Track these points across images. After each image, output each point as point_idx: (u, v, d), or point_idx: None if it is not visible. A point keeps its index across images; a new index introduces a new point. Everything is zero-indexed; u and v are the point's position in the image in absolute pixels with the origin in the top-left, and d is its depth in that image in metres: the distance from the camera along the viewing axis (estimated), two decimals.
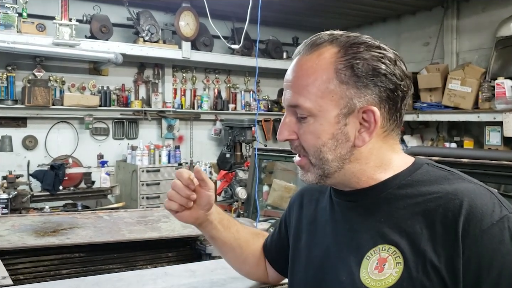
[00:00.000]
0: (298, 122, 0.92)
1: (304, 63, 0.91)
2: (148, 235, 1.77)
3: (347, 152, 0.90)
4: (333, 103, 0.88)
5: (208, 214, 1.13)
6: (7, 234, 1.69)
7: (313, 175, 0.93)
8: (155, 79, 6.75)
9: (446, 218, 0.80)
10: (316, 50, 0.91)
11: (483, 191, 0.83)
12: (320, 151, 0.90)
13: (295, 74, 0.92)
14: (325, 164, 0.90)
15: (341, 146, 0.89)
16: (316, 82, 0.88)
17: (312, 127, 0.89)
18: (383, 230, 0.87)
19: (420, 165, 0.93)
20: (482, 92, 5.35)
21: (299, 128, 0.91)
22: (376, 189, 0.91)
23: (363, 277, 0.85)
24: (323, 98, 0.88)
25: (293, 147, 0.94)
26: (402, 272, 0.81)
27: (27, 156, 5.72)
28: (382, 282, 0.83)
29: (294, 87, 0.91)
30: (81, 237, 1.69)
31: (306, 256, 1.01)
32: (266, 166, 3.90)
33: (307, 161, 0.93)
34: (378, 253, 0.85)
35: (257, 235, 1.27)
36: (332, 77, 0.88)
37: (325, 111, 0.88)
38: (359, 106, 0.88)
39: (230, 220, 1.21)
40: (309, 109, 0.89)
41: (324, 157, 0.90)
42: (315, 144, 0.90)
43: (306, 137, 0.91)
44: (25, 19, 5.32)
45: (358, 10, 6.64)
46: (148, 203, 5.85)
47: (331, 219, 0.99)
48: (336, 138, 0.89)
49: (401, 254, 0.82)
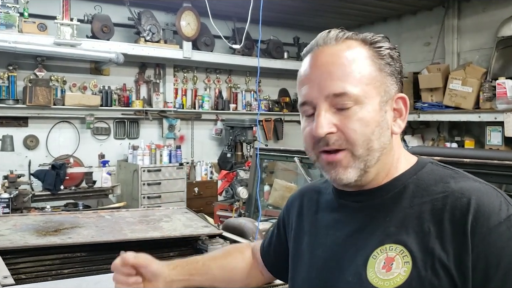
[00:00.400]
0: (336, 113, 0.86)
1: (337, 52, 0.88)
2: (150, 235, 1.77)
3: (387, 140, 0.89)
4: (375, 90, 0.88)
5: (165, 278, 1.11)
6: (9, 234, 1.69)
7: (354, 171, 0.87)
8: (156, 79, 6.75)
9: (453, 216, 0.81)
10: (343, 42, 0.89)
11: (490, 189, 0.84)
12: (370, 140, 0.86)
13: (333, 62, 0.87)
14: (370, 155, 0.87)
15: (384, 134, 0.88)
16: (359, 69, 0.87)
17: (360, 115, 0.85)
18: (390, 229, 0.86)
19: (424, 164, 0.93)
20: (483, 92, 5.35)
21: (340, 120, 0.86)
22: (382, 189, 0.91)
23: (370, 276, 0.84)
24: (368, 85, 0.87)
25: (332, 141, 0.86)
26: (410, 271, 0.80)
27: (28, 156, 5.72)
28: (390, 282, 0.82)
29: (335, 75, 0.86)
30: (82, 237, 1.69)
31: (308, 257, 1.00)
32: (267, 166, 3.91)
33: (348, 155, 0.87)
34: (385, 253, 0.85)
35: (230, 253, 1.26)
36: (371, 64, 0.88)
37: (371, 97, 0.87)
38: (393, 93, 0.90)
39: (192, 262, 1.19)
40: (357, 96, 0.85)
41: (372, 147, 0.86)
42: (364, 132, 0.85)
43: (353, 125, 0.85)
44: (26, 19, 5.33)
45: (359, 10, 6.64)
46: (149, 203, 5.86)
47: (335, 220, 0.98)
48: (381, 126, 0.87)
49: (409, 253, 0.82)
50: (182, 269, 1.15)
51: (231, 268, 1.22)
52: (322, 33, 0.92)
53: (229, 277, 1.21)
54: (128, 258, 1.05)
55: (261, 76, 7.42)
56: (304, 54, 0.94)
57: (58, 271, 1.59)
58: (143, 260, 1.08)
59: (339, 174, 0.88)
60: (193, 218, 2.07)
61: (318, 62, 0.89)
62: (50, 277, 1.54)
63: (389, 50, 0.91)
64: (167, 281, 1.11)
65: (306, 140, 0.93)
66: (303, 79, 0.91)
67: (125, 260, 1.05)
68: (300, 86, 0.92)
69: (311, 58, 0.91)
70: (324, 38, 0.90)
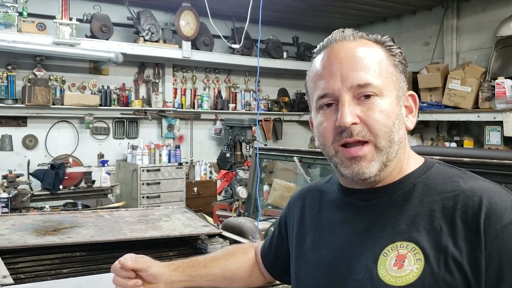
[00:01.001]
0: (359, 104, 0.87)
1: (356, 46, 0.91)
2: (149, 234, 1.76)
3: (403, 134, 0.92)
4: (393, 84, 0.91)
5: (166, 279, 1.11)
6: (8, 233, 1.69)
7: (377, 164, 0.87)
8: (156, 78, 6.75)
9: (466, 214, 0.81)
10: (359, 39, 0.92)
11: (500, 189, 0.85)
12: (391, 131, 0.87)
13: (354, 55, 0.89)
14: (392, 147, 0.88)
15: (402, 127, 0.91)
16: (378, 62, 0.90)
17: (382, 106, 0.87)
18: (400, 227, 0.86)
19: (432, 164, 0.94)
20: (482, 92, 5.36)
21: (363, 111, 0.87)
22: (391, 188, 0.92)
23: (381, 273, 0.84)
24: (387, 78, 0.90)
25: (356, 132, 0.86)
26: (423, 268, 0.81)
27: (27, 156, 5.72)
28: (402, 279, 0.82)
29: (358, 66, 0.88)
30: (82, 236, 1.69)
31: (313, 257, 0.99)
32: (267, 166, 3.91)
33: (372, 148, 0.87)
34: (396, 250, 0.85)
35: (233, 254, 1.26)
36: (388, 60, 0.92)
37: (390, 90, 0.89)
38: (405, 90, 0.94)
39: (194, 263, 1.18)
40: (380, 87, 0.87)
41: (393, 139, 0.88)
42: (386, 123, 0.87)
43: (377, 116, 0.86)
44: (25, 19, 5.33)
45: (359, 9, 6.64)
46: (149, 203, 5.86)
47: (341, 218, 0.97)
48: (399, 119, 0.90)
49: (421, 250, 0.82)
50: (184, 270, 1.15)
51: (233, 268, 1.21)
52: (336, 31, 0.94)
53: (231, 278, 1.21)
54: (126, 263, 1.04)
55: (260, 76, 7.43)
56: (319, 50, 0.95)
57: (57, 270, 1.58)
58: (142, 264, 1.06)
59: (363, 168, 0.87)
60: (192, 217, 2.07)
61: (339, 55, 0.90)
62: (49, 277, 1.54)
63: (399, 50, 0.94)
64: (168, 282, 1.11)
65: (326, 134, 0.91)
66: (322, 72, 0.91)
67: (123, 265, 1.04)
68: (317, 79, 0.92)
69: (330, 53, 0.92)
70: (341, 35, 0.93)
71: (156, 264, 1.11)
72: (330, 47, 0.92)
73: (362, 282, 0.86)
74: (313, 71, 0.95)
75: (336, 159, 0.91)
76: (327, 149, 0.92)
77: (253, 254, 1.27)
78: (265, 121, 7.55)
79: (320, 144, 0.94)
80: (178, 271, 1.14)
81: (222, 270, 1.19)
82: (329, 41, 0.93)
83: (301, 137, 7.94)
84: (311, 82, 0.95)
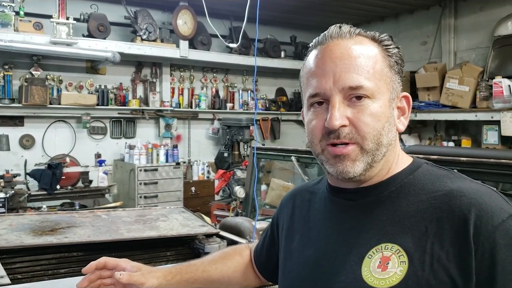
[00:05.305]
0: (349, 106, 0.86)
1: (352, 46, 0.88)
2: (147, 234, 1.76)
3: (393, 137, 0.90)
4: (386, 86, 0.89)
5: None
6: (5, 233, 1.68)
7: (361, 164, 0.87)
8: (153, 78, 6.74)
9: (452, 215, 0.80)
10: (356, 37, 0.90)
11: (487, 189, 0.84)
12: (380, 135, 0.86)
13: (348, 55, 0.87)
14: (379, 150, 0.87)
15: (392, 130, 0.90)
16: (372, 64, 0.87)
17: (372, 109, 0.86)
18: (386, 228, 0.86)
19: (419, 164, 0.93)
20: (480, 91, 5.37)
21: (353, 113, 0.86)
22: (378, 188, 0.91)
23: (365, 275, 0.84)
24: (380, 80, 0.88)
25: (343, 135, 0.86)
26: (407, 270, 0.80)
27: (24, 155, 5.71)
28: (386, 281, 0.81)
29: (351, 68, 0.86)
30: (79, 236, 1.68)
31: (299, 256, 0.99)
32: (264, 165, 3.91)
33: (357, 148, 0.86)
34: (380, 252, 0.84)
35: (229, 257, 1.25)
36: (383, 61, 0.89)
37: (382, 93, 0.88)
38: (399, 91, 0.92)
39: (192, 269, 1.17)
40: (372, 90, 0.86)
41: (381, 142, 0.87)
42: (375, 126, 0.86)
43: (366, 119, 0.85)
44: (22, 18, 5.31)
45: (356, 9, 6.65)
46: (146, 202, 5.85)
47: (328, 218, 0.97)
48: (389, 121, 0.89)
49: (405, 252, 0.81)
50: (181, 278, 1.14)
51: (231, 273, 1.21)
52: (333, 27, 0.91)
53: (228, 281, 1.21)
54: (121, 279, 1.03)
55: (258, 75, 7.42)
56: (314, 46, 0.94)
57: (54, 270, 1.58)
58: (138, 279, 1.05)
59: (347, 167, 0.87)
60: (190, 217, 2.07)
61: (333, 55, 0.88)
62: (46, 277, 1.53)
63: (397, 50, 0.92)
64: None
65: (314, 132, 0.90)
66: (315, 70, 0.90)
67: (118, 280, 1.03)
68: (310, 77, 0.91)
69: (324, 51, 0.90)
70: (338, 31, 0.90)
71: (152, 276, 1.09)
72: (325, 44, 0.91)
73: (346, 283, 0.86)
74: (306, 67, 0.94)
75: (323, 156, 0.91)
76: (314, 146, 0.92)
77: (248, 254, 1.27)
78: (263, 121, 7.55)
79: (309, 141, 0.94)
80: (176, 279, 1.13)
81: (220, 275, 1.19)
82: (325, 38, 0.91)
83: (299, 137, 7.94)
84: (304, 78, 0.94)
